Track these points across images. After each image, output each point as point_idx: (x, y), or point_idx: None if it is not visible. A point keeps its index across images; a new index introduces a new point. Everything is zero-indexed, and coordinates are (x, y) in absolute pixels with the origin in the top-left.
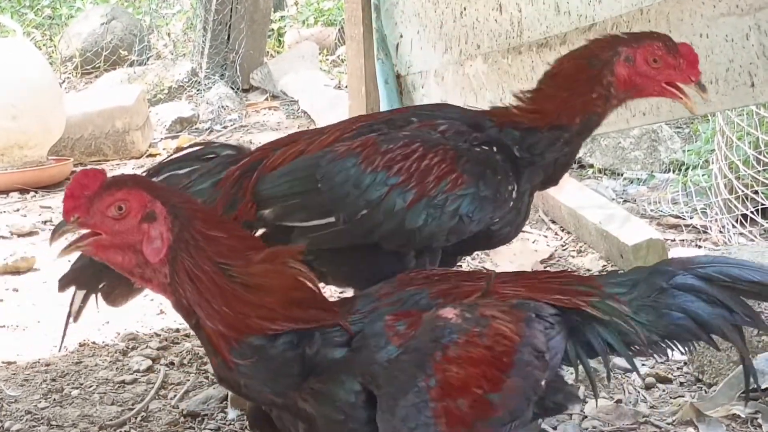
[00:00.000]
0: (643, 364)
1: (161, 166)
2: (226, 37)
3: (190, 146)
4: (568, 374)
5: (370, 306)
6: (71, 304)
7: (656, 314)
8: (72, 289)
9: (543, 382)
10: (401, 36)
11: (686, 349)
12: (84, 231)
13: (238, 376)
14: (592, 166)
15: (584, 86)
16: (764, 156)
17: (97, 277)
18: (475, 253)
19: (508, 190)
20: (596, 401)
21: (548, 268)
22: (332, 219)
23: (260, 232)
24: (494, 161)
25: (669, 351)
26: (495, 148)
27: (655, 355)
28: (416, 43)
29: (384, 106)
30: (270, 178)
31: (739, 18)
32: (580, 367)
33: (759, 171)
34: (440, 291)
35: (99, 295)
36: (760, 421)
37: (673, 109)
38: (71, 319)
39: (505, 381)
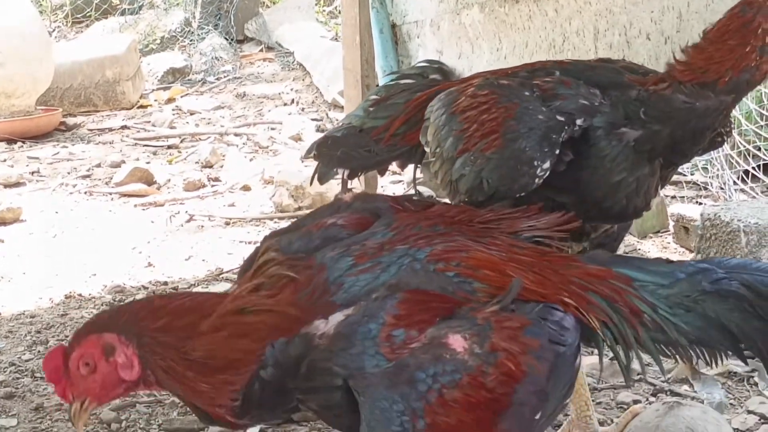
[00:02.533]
0: None
1: (397, 74)
2: None
3: (423, 62)
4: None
5: (347, 271)
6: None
7: (692, 317)
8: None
9: (537, 416)
10: None
11: (712, 359)
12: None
13: (245, 427)
14: None
15: (735, 37)
16: (767, 111)
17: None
18: None
19: (533, 165)
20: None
21: None
22: (428, 149)
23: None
24: (545, 132)
25: (694, 357)
26: (580, 120)
27: (677, 357)
28: None
29: (378, 56)
30: None
31: None
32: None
33: (762, 126)
34: (442, 253)
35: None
36: (756, 379)
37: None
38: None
39: (497, 424)
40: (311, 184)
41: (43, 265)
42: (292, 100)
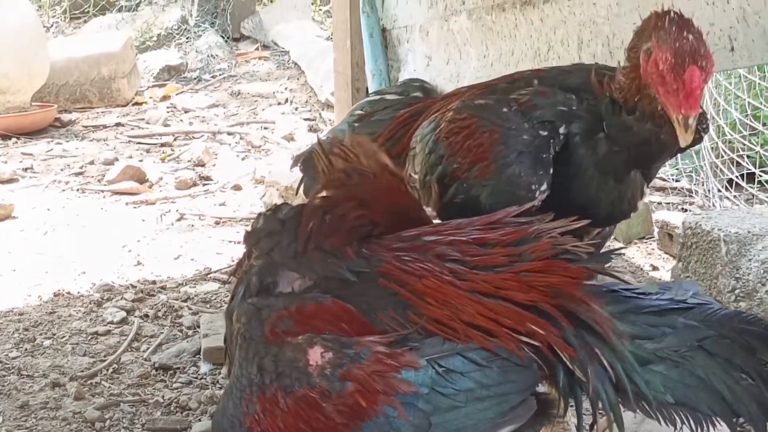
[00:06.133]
0: None
1: (380, 91)
2: None
3: (411, 80)
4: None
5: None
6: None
7: (677, 375)
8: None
9: None
10: None
11: (698, 427)
12: None
13: None
14: None
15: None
16: (751, 120)
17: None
18: None
19: (531, 189)
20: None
21: None
22: (417, 177)
23: None
24: (536, 154)
25: (678, 421)
26: (562, 128)
27: (660, 419)
28: None
29: (368, 60)
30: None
31: None
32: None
33: (746, 135)
34: (394, 269)
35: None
36: None
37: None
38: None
39: None
40: (296, 194)
41: (33, 262)
42: (286, 99)
